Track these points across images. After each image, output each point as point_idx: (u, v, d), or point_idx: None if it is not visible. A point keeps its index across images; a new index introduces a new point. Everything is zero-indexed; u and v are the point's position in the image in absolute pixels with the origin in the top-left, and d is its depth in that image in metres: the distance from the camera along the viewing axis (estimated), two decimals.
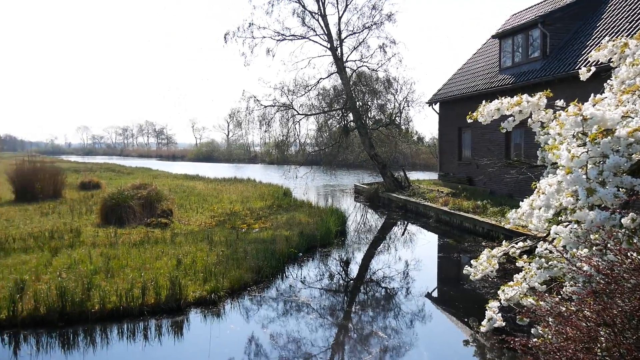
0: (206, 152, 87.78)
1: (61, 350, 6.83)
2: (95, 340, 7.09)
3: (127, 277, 8.75)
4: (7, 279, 8.54)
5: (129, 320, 7.62)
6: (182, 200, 19.49)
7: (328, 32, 24.47)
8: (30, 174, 20.69)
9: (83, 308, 7.60)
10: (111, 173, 38.59)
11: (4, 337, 7.07)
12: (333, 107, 26.92)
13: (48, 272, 9.00)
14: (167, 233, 12.94)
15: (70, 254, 10.36)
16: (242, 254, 10.58)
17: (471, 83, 22.43)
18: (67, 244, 11.34)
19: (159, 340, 7.14)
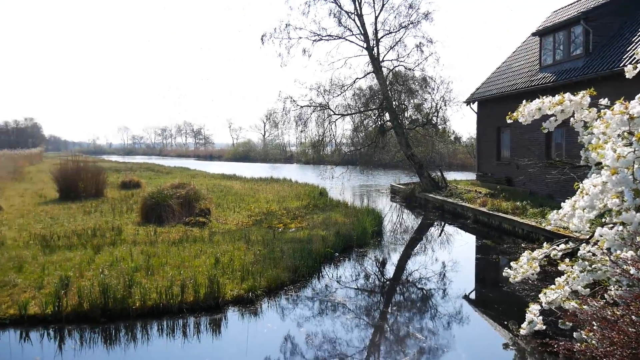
0: (243, 152, 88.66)
1: (103, 345, 7.00)
2: (136, 337, 7.23)
3: (167, 275, 8.92)
4: (53, 275, 8.82)
5: (169, 317, 7.76)
6: (220, 199, 19.74)
7: (364, 32, 24.41)
8: (73, 174, 21.29)
9: (124, 304, 7.77)
10: (150, 172, 39.37)
11: (50, 331, 7.29)
12: (369, 107, 26.84)
13: (91, 269, 9.25)
14: (205, 232, 13.13)
15: (112, 251, 10.63)
16: (279, 254, 10.65)
17: (510, 82, 22.01)
18: (109, 242, 11.63)
19: (198, 338, 7.24)
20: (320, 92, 25.92)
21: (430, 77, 25.82)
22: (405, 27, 24.74)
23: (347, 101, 26.99)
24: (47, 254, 10.44)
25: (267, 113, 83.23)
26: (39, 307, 7.62)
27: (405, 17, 24.68)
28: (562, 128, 15.73)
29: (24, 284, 8.54)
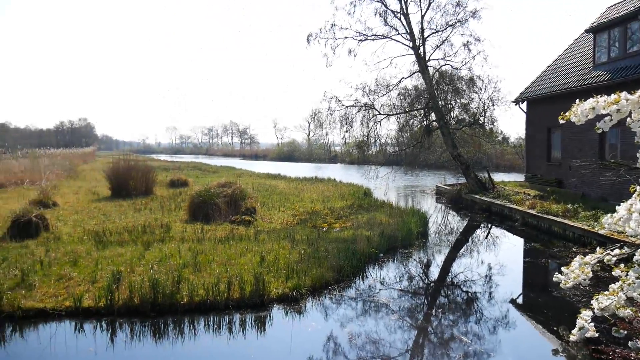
0: (287, 152, 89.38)
1: (153, 339, 7.19)
2: (184, 332, 7.40)
3: (214, 272, 9.09)
4: (105, 270, 9.13)
5: (215, 314, 7.90)
6: (265, 198, 19.96)
7: (410, 31, 24.20)
8: (124, 172, 21.95)
9: (173, 300, 7.97)
10: (197, 171, 40.16)
11: (102, 323, 7.54)
12: (415, 107, 26.59)
13: (141, 265, 9.52)
14: (250, 230, 13.31)
15: (161, 248, 10.91)
16: (324, 253, 10.69)
17: (562, 80, 21.39)
18: (158, 239, 11.94)
19: (243, 335, 7.35)
20: (366, 92, 25.86)
21: (477, 76, 25.37)
22: (452, 26, 24.40)
23: (392, 101, 26.83)
24: (100, 249, 10.81)
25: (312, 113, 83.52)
26: (93, 300, 7.90)
27: (452, 15, 24.35)
28: (616, 128, 15.20)
29: (79, 277, 8.88)
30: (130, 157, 25.58)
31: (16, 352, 6.75)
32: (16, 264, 9.47)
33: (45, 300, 7.94)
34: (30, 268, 9.23)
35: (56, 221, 14.45)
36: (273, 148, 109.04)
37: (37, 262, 9.63)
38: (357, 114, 25.94)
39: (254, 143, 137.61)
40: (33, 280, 8.62)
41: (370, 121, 26.00)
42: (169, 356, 6.67)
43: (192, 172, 39.06)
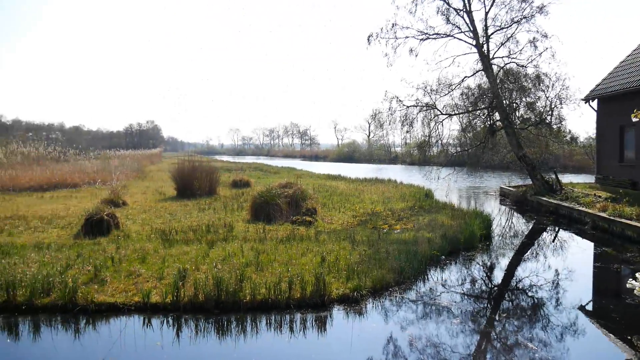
0: (347, 153, 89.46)
1: (216, 335, 7.37)
2: (246, 329, 7.54)
3: (275, 271, 9.23)
4: (172, 267, 9.44)
5: (277, 312, 8.02)
6: (325, 199, 20.06)
7: (473, 29, 23.69)
8: (189, 173, 22.62)
9: (236, 298, 8.14)
10: (259, 172, 40.86)
11: (169, 319, 7.81)
12: (478, 106, 25.99)
13: (205, 263, 9.78)
14: (311, 231, 13.42)
15: (225, 247, 11.17)
16: (384, 254, 10.64)
17: (636, 77, 20.36)
18: (222, 238, 12.23)
19: (304, 334, 7.41)
20: (427, 91, 25.50)
21: (544, 73, 24.47)
22: (517, 22, 23.68)
23: (454, 101, 26.35)
24: (167, 247, 11.19)
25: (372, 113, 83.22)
26: (160, 296, 8.20)
27: (517, 11, 23.63)
28: None
29: (147, 274, 9.23)
30: (195, 158, 26.34)
31: (89, 344, 7.09)
32: (89, 260, 9.95)
33: (116, 295, 8.30)
34: (102, 264, 9.67)
35: (126, 220, 15.07)
36: (333, 149, 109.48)
37: (108, 259, 10.08)
38: (418, 114, 25.63)
39: (314, 144, 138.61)
40: (105, 275, 9.03)
41: (432, 121, 25.63)
42: (231, 353, 6.83)
43: (254, 172, 39.78)
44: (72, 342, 7.14)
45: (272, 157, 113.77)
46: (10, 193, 24.51)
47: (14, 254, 10.61)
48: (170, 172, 24.46)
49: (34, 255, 10.41)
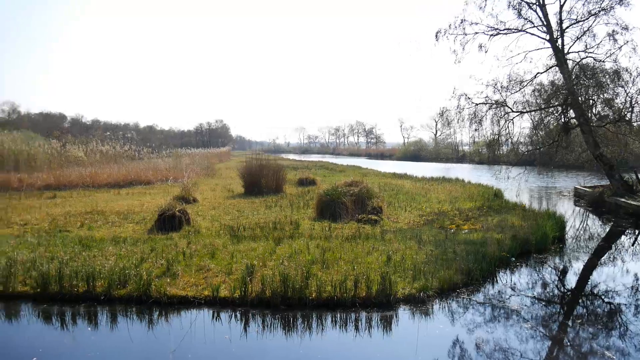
0: (413, 151, 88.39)
1: (283, 331, 7.48)
2: (312, 326, 7.61)
3: (341, 269, 9.25)
4: (240, 263, 9.66)
5: (342, 310, 8.04)
6: (391, 198, 19.91)
7: (547, 23, 22.78)
8: (256, 171, 23.06)
9: (302, 295, 8.23)
10: (324, 170, 41.07)
11: (237, 313, 7.99)
12: (551, 103, 24.97)
13: (272, 260, 9.94)
14: (377, 229, 13.36)
15: (291, 244, 11.31)
16: (451, 255, 10.45)
17: None
18: (288, 235, 12.39)
19: (369, 333, 7.40)
20: (497, 88, 24.73)
21: (624, 68, 23.18)
22: (595, 15, 22.53)
23: (525, 98, 25.39)
24: (235, 243, 11.46)
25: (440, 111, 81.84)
26: (229, 291, 8.40)
27: (595, 3, 22.48)
28: None
29: (216, 269, 9.49)
30: (262, 157, 26.80)
31: (162, 334, 7.37)
32: (162, 254, 10.34)
33: (187, 289, 8.59)
34: (174, 258, 10.02)
35: (196, 216, 15.54)
36: (399, 147, 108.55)
37: (180, 253, 10.44)
38: (488, 111, 24.91)
39: (380, 142, 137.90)
40: (176, 269, 9.35)
41: (502, 119, 24.84)
42: (297, 349, 6.91)
43: (320, 171, 40.03)
44: (146, 333, 7.45)
45: (338, 155, 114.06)
46: (90, 189, 25.88)
47: (93, 247, 11.18)
48: (238, 170, 25.02)
49: (112, 248, 10.93)
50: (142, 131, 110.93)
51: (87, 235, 12.82)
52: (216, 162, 55.81)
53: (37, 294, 8.67)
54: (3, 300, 8.62)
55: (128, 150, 42.70)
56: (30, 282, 8.93)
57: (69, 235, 12.79)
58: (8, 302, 8.56)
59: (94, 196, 22.58)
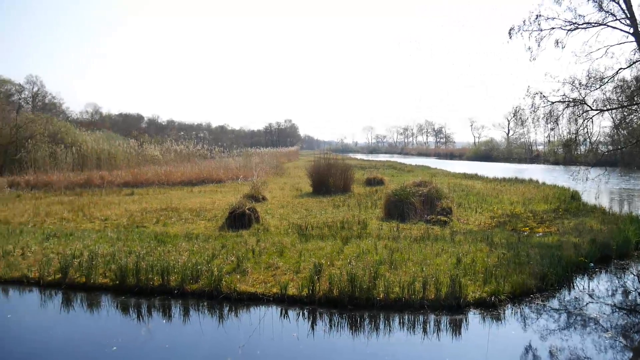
0: (484, 151, 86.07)
1: (350, 331, 7.47)
2: (379, 327, 7.56)
3: (409, 271, 9.13)
4: (308, 262, 9.74)
5: (410, 312, 7.93)
6: (461, 199, 19.47)
7: (631, 15, 21.50)
8: (324, 170, 23.19)
9: (369, 295, 8.19)
10: (393, 170, 40.74)
11: (304, 311, 8.06)
12: (635, 101, 23.58)
13: (340, 259, 9.95)
14: (446, 231, 13.10)
15: (359, 244, 11.28)
16: (525, 258, 10.08)
17: None
18: (356, 235, 12.37)
19: (437, 336, 7.26)
20: (575, 85, 23.57)
21: None
22: None
23: (606, 95, 24.10)
24: (303, 242, 11.56)
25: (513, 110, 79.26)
26: (297, 289, 8.49)
27: None
28: None
29: (285, 267, 9.61)
30: (330, 156, 26.91)
31: (231, 329, 7.55)
32: (233, 251, 10.59)
33: (256, 286, 8.75)
34: (244, 255, 10.23)
35: (265, 214, 15.81)
36: (469, 147, 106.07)
37: (249, 251, 10.65)
38: (565, 110, 23.80)
39: (449, 142, 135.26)
40: (246, 266, 9.54)
41: (580, 118, 23.67)
42: (364, 349, 6.88)
43: (388, 170, 39.74)
44: (216, 327, 7.65)
45: (406, 155, 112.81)
46: (165, 187, 26.92)
47: (167, 242, 11.61)
48: (307, 170, 25.25)
49: (185, 244, 11.31)
50: (214, 131, 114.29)
51: (162, 231, 13.33)
52: (285, 161, 56.64)
53: (115, 286, 9.10)
54: (85, 291, 9.11)
55: (200, 149, 44.13)
56: (109, 275, 9.40)
57: (146, 231, 13.36)
58: (90, 293, 9.03)
59: (168, 193, 23.46)
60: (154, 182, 28.34)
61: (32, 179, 27.38)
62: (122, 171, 31.32)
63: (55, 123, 40.50)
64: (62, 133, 38.43)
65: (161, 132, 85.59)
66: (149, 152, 40.27)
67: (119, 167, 34.14)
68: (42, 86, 67.18)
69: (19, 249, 11.29)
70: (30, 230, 13.51)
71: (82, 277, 9.38)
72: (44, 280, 9.42)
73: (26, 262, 10.39)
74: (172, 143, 44.78)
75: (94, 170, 32.55)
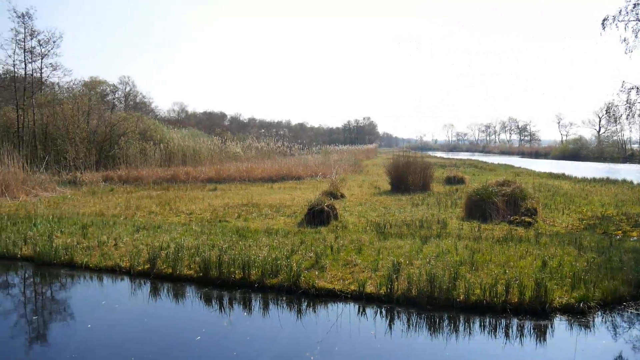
0: (572, 150, 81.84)
1: (428, 331, 7.35)
2: (459, 329, 7.38)
3: (491, 273, 8.85)
4: (386, 260, 9.68)
5: (491, 315, 7.70)
6: (547, 199, 18.66)
7: None
8: (403, 168, 22.97)
9: (449, 296, 8.02)
10: (474, 169, 39.72)
11: (382, 310, 8.02)
12: None
13: (419, 258, 9.81)
14: (530, 232, 12.60)
15: (438, 243, 11.08)
16: (617, 264, 9.50)
17: None
18: (435, 234, 12.16)
19: (520, 341, 7.00)
20: None
21: None
22: None
23: None
24: (381, 240, 11.50)
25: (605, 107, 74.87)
26: (374, 287, 8.46)
27: None
28: None
29: (363, 264, 9.60)
30: (409, 154, 26.60)
31: (309, 325, 7.63)
32: (311, 247, 10.70)
33: (334, 282, 8.80)
34: (322, 252, 10.32)
35: (343, 211, 15.87)
36: (556, 145, 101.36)
37: (328, 247, 10.73)
38: None
39: (534, 140, 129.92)
40: (324, 263, 9.62)
41: None
42: (442, 351, 6.76)
43: (468, 169, 38.76)
44: (294, 322, 7.77)
45: (488, 153, 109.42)
46: (246, 183, 27.69)
47: (248, 237, 11.92)
48: (385, 167, 25.11)
49: (265, 239, 11.56)
50: (294, 128, 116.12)
51: (243, 226, 13.70)
52: (363, 158, 56.57)
53: (199, 277, 9.46)
54: (171, 281, 9.54)
55: (280, 146, 44.93)
56: (194, 267, 9.78)
57: (228, 225, 13.78)
58: (175, 284, 9.44)
59: (249, 189, 24.09)
60: (235, 178, 29.20)
61: (124, 174, 29.01)
62: (205, 167, 32.53)
63: (145, 121, 42.57)
64: (151, 130, 40.37)
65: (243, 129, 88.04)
66: (231, 149, 41.54)
67: (202, 164, 35.45)
68: (133, 86, 70.78)
69: (112, 239, 12.00)
70: (122, 222, 14.31)
71: (168, 268, 9.83)
72: (134, 269, 9.96)
73: (118, 252, 11.03)
74: (253, 140, 45.95)
75: (180, 166, 34.00)
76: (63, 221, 14.38)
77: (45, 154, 29.67)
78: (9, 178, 20.35)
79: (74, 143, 32.84)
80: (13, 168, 21.02)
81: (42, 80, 35.52)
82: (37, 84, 34.87)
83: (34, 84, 34.32)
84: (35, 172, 23.13)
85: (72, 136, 33.29)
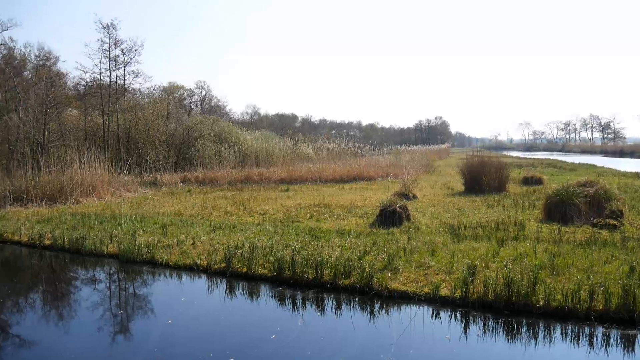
0: None
1: (505, 337, 7.13)
2: (538, 336, 7.11)
3: (573, 278, 8.45)
4: (460, 263, 9.46)
5: (574, 323, 7.36)
6: (634, 201, 17.59)
7: None
8: (477, 168, 22.37)
9: (527, 301, 7.74)
10: (552, 169, 38.15)
11: (457, 314, 7.85)
12: None
13: (495, 261, 9.53)
14: (616, 236, 11.93)
15: (516, 246, 10.71)
16: None
17: None
18: (512, 236, 11.76)
19: (606, 351, 6.65)
20: None
21: None
22: None
23: None
24: (455, 242, 11.26)
25: None
26: (449, 290, 8.30)
27: None
28: None
29: (436, 267, 9.44)
30: (483, 154, 25.87)
31: (382, 327, 7.59)
32: (384, 249, 10.64)
33: (407, 284, 8.70)
34: (395, 253, 10.23)
35: (415, 212, 15.65)
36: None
37: (400, 249, 10.62)
38: None
39: (619, 138, 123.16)
40: (397, 264, 9.52)
41: None
42: (519, 357, 6.53)
43: (547, 169, 37.21)
44: (367, 323, 7.74)
45: (567, 152, 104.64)
46: (317, 184, 27.92)
47: (321, 237, 12.00)
48: (458, 167, 24.56)
49: (337, 240, 11.60)
50: (364, 129, 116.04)
51: (315, 226, 13.81)
52: (435, 159, 55.57)
53: (273, 277, 9.63)
54: (246, 280, 9.77)
55: (351, 147, 45.04)
56: (268, 266, 9.97)
57: (300, 226, 13.94)
58: (250, 282, 9.67)
59: (320, 190, 24.26)
60: (307, 178, 29.51)
61: (200, 175, 30.02)
62: (278, 168, 33.08)
63: (220, 124, 43.83)
64: (226, 133, 41.50)
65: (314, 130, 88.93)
66: (302, 150, 42.04)
67: (275, 165, 36.08)
68: (209, 90, 73.35)
69: (190, 238, 12.44)
70: (200, 222, 14.80)
71: (243, 267, 10.07)
72: (211, 268, 10.28)
73: (196, 251, 11.41)
74: (324, 141, 46.27)
75: (253, 167, 34.76)
76: (145, 220, 15.07)
77: (128, 157, 31.24)
78: (95, 180, 21.57)
79: (154, 146, 34.35)
80: (99, 170, 22.26)
81: (125, 86, 37.40)
82: (120, 90, 36.78)
83: (118, 91, 36.21)
84: (119, 174, 24.45)
85: (152, 139, 34.84)
